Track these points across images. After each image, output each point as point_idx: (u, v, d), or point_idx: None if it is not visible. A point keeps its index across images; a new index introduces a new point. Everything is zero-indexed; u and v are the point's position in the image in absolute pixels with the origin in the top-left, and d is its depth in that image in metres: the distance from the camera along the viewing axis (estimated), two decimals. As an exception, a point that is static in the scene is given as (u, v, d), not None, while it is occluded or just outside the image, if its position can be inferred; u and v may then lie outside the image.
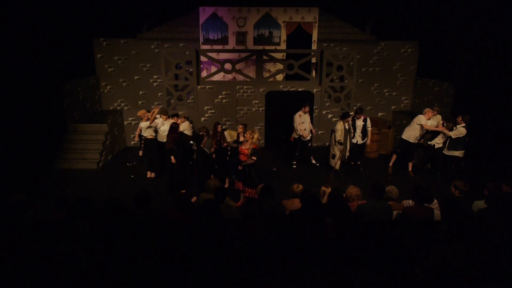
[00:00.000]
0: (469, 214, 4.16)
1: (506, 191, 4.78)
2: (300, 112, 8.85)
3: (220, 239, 3.12)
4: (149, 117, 7.93)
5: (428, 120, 8.11)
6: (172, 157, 7.26)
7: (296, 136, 8.99)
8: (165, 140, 7.62)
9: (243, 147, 6.60)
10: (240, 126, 7.52)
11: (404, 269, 2.58)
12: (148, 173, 8.43)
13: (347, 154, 8.55)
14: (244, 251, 3.21)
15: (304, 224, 3.46)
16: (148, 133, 8.01)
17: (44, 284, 2.41)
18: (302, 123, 8.83)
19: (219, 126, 7.67)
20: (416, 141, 8.34)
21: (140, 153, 9.38)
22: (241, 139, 7.18)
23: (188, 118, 9.02)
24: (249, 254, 2.91)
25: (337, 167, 8.45)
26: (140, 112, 8.11)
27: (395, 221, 4.31)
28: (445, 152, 7.73)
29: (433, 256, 2.83)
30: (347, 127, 8.31)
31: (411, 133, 8.34)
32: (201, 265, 2.70)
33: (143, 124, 7.97)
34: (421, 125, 8.13)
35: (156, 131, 8.24)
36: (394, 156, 8.76)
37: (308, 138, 8.98)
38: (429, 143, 8.13)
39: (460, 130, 7.43)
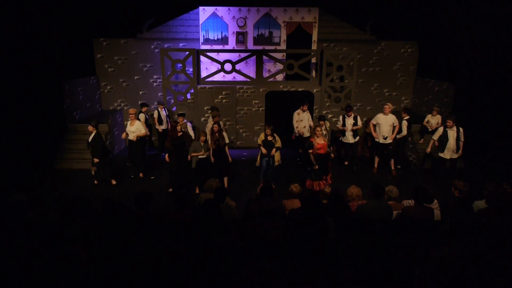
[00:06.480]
0: (470, 214, 4.15)
1: (506, 191, 4.77)
2: (298, 110, 9.05)
3: (220, 239, 3.12)
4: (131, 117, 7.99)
5: (386, 116, 8.38)
6: (166, 156, 7.34)
7: (297, 135, 9.15)
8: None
9: (318, 141, 6.77)
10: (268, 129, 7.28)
11: (404, 269, 2.59)
12: (141, 174, 8.46)
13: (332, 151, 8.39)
14: (244, 251, 3.22)
15: (305, 224, 3.46)
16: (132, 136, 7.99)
17: (44, 284, 2.41)
18: (301, 121, 9.01)
19: (215, 126, 7.53)
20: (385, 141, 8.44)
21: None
22: (270, 138, 7.21)
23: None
24: (249, 254, 2.91)
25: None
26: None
27: (395, 221, 4.31)
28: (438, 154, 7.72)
29: (433, 256, 2.82)
30: (324, 132, 7.86)
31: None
32: (201, 265, 2.70)
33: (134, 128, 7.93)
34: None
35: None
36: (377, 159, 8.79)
37: (308, 135, 8.98)
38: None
39: (439, 131, 7.48)
